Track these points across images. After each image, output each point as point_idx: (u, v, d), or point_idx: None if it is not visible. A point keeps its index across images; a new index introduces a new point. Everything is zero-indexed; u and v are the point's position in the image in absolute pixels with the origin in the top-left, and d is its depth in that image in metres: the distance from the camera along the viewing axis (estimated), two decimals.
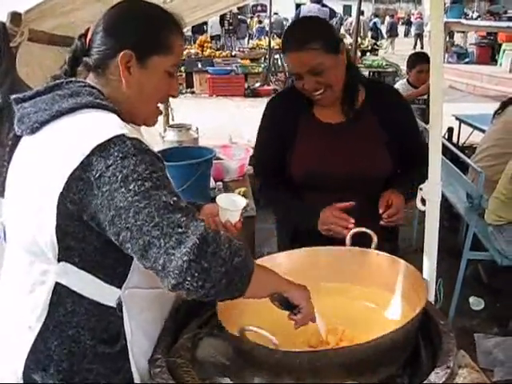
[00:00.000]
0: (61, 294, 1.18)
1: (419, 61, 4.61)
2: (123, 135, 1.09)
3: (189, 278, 1.02)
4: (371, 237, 1.59)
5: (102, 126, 1.12)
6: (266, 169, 1.98)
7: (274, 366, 1.15)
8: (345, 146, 1.82)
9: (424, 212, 1.46)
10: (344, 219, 1.70)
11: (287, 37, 1.84)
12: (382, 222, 1.76)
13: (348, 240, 1.64)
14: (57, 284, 1.18)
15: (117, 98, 1.25)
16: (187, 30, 16.30)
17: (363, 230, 1.62)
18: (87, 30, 1.30)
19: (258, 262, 1.19)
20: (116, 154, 1.07)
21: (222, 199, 1.48)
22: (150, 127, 1.38)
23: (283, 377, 1.14)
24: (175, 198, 1.08)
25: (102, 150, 1.07)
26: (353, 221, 1.69)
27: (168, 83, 1.30)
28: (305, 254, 1.61)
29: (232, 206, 1.47)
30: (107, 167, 1.06)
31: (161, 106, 1.35)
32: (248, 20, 20.39)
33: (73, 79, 1.25)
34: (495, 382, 2.72)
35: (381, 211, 1.75)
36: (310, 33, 1.75)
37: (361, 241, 1.62)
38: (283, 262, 1.59)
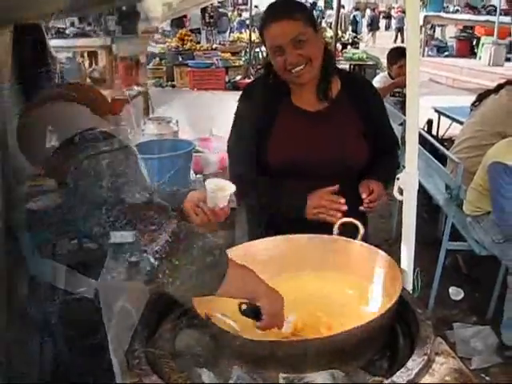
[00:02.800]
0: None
1: (400, 56, 4.60)
2: None
3: (160, 275, 1.01)
4: (356, 227, 1.56)
5: None
6: (246, 159, 1.93)
7: (250, 356, 1.14)
8: (324, 134, 1.82)
9: None
10: (336, 202, 1.71)
11: (269, 10, 1.86)
12: (361, 208, 1.77)
13: (335, 230, 1.60)
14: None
15: None
16: (167, 24, 16.17)
17: (351, 220, 1.59)
18: None
19: (240, 247, 1.16)
20: None
21: (211, 183, 1.47)
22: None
23: (262, 367, 1.14)
24: None
25: None
26: (344, 204, 1.69)
27: None
28: (285, 241, 1.60)
29: (221, 190, 1.46)
30: None
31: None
32: (229, 13, 20.29)
33: None
34: (473, 370, 2.76)
35: (363, 196, 1.76)
36: (292, 5, 1.82)
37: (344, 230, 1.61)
38: (263, 249, 1.58)
